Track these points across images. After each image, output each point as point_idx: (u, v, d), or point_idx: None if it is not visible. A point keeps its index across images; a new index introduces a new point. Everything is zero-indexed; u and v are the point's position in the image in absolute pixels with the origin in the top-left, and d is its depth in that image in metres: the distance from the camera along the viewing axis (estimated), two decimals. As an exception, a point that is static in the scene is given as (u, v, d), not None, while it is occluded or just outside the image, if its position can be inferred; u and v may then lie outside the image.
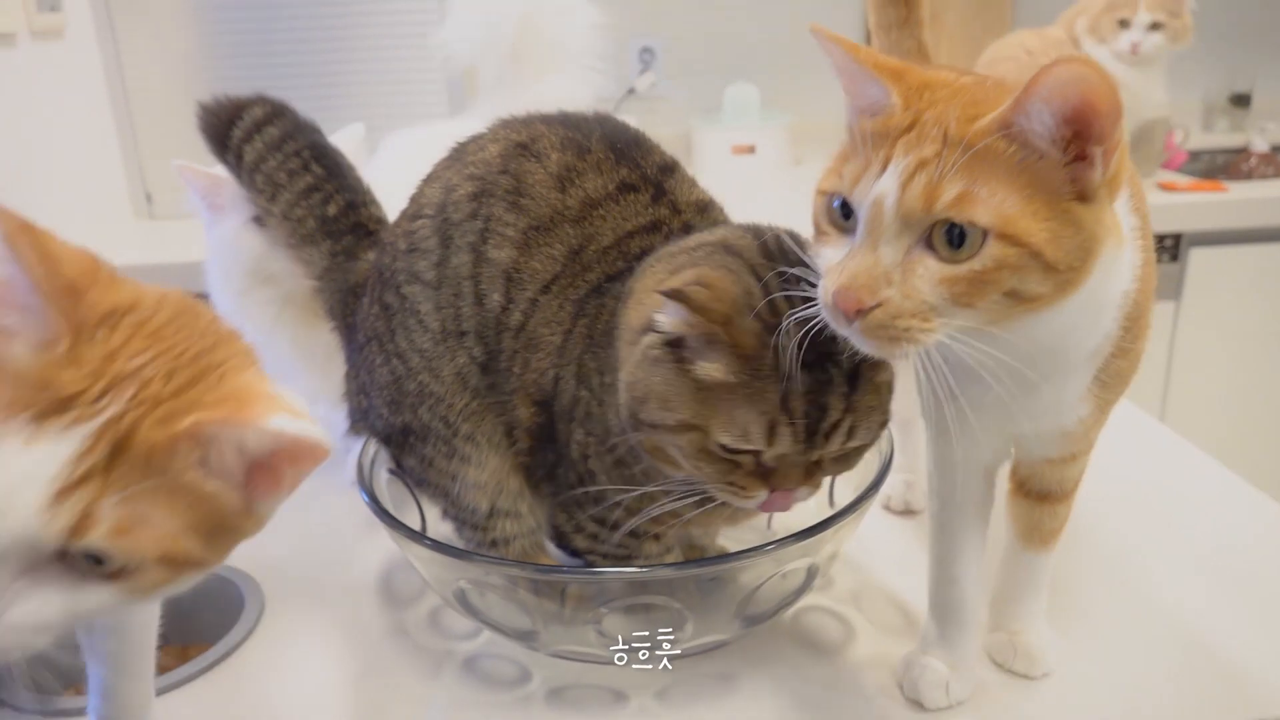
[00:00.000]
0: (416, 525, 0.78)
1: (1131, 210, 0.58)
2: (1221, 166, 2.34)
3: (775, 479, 0.61)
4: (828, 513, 0.69)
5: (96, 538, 0.43)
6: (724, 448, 0.59)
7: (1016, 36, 2.02)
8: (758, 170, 2.31)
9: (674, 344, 0.60)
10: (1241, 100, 2.54)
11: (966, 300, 0.50)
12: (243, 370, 0.50)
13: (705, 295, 0.58)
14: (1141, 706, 0.67)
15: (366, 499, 0.73)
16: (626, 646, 0.68)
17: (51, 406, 0.44)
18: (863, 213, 0.53)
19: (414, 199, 0.76)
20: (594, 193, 0.71)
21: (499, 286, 0.71)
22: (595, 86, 1.48)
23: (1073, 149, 0.50)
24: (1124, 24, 1.89)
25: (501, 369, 0.72)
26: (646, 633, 0.68)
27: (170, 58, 2.18)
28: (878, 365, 0.61)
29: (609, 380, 0.66)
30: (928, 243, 0.51)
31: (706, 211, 0.73)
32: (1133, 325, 0.58)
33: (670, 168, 0.74)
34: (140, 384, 0.45)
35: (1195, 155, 2.36)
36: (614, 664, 0.71)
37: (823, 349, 0.56)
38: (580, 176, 0.71)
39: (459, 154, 0.75)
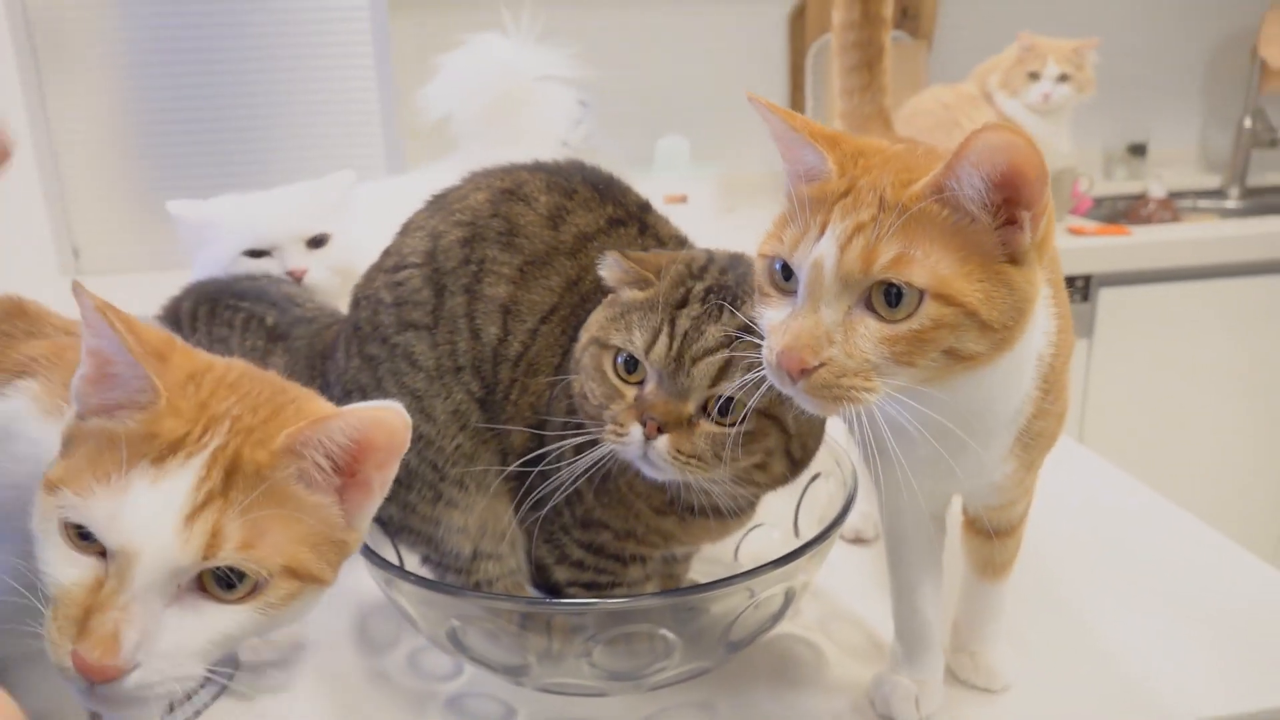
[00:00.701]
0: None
1: (1048, 281, 0.58)
2: (1122, 211, 2.48)
3: (646, 409, 0.64)
4: (795, 544, 0.73)
5: (228, 552, 0.49)
6: (614, 364, 0.66)
7: (932, 92, 2.13)
8: (690, 219, 2.34)
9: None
10: (1138, 150, 2.71)
11: (907, 359, 0.52)
12: (312, 399, 0.58)
13: (645, 255, 0.68)
14: (1089, 710, 0.72)
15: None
16: (614, 676, 0.71)
17: (165, 450, 0.51)
18: (803, 275, 0.54)
19: (391, 251, 0.78)
20: (586, 227, 0.75)
21: (495, 320, 0.73)
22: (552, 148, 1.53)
23: (1003, 213, 0.52)
24: (1034, 76, 2.01)
25: (498, 400, 0.74)
26: (635, 663, 0.70)
27: (99, 111, 2.15)
28: None
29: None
30: (867, 303, 0.53)
31: (684, 245, 0.78)
32: (1050, 388, 0.61)
33: (647, 206, 0.79)
34: (233, 419, 0.53)
35: (1099, 201, 2.50)
36: (599, 695, 0.73)
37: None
38: (571, 214, 0.75)
39: (439, 204, 0.78)
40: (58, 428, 0.55)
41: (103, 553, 0.50)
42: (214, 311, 1.00)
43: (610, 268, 0.69)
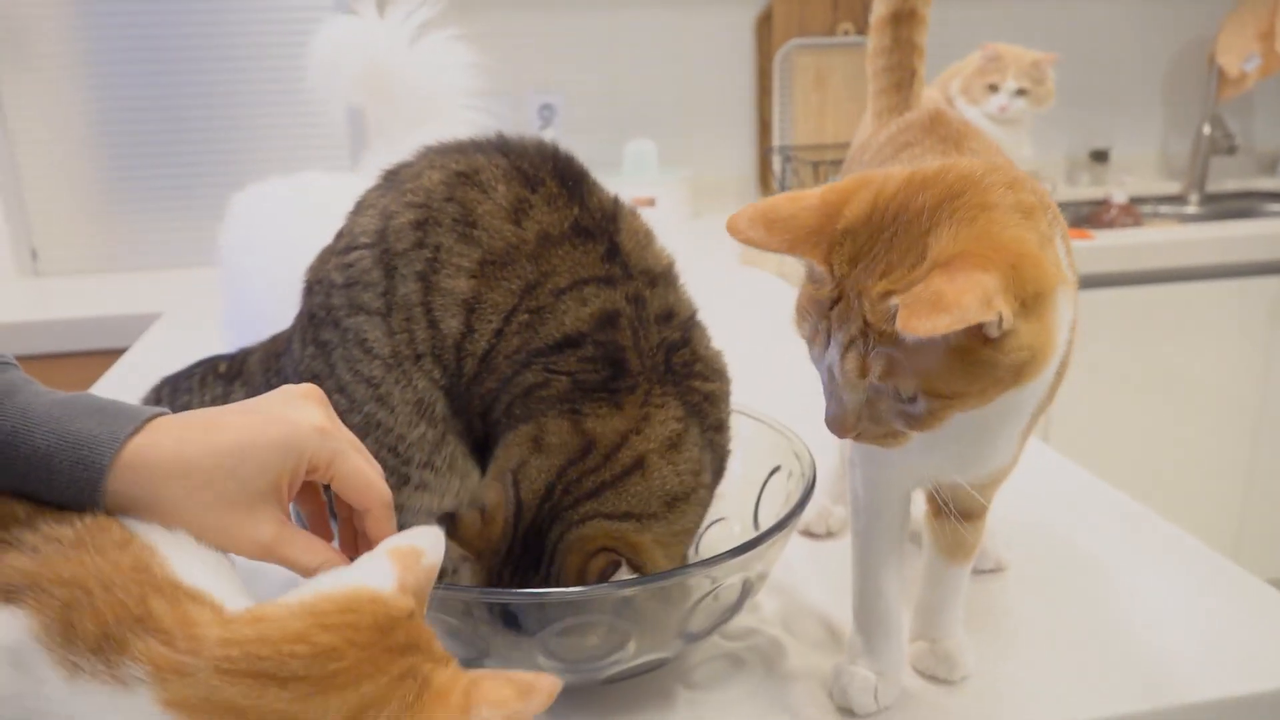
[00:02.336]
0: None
1: (1068, 266, 0.61)
2: (1086, 217, 2.51)
3: None
4: (754, 533, 0.73)
5: None
6: None
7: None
8: (659, 221, 2.36)
9: None
10: (1100, 156, 2.75)
11: (927, 427, 0.57)
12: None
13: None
14: (1047, 697, 0.72)
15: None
16: (569, 666, 0.70)
17: None
18: (822, 373, 0.60)
19: (343, 232, 0.76)
20: (550, 228, 0.72)
21: (457, 315, 0.71)
22: (479, 127, 1.47)
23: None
24: (993, 88, 2.04)
25: (465, 388, 0.73)
26: (590, 652, 0.70)
27: (58, 112, 2.13)
28: None
29: None
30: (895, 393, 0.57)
31: (654, 281, 0.74)
32: (1062, 370, 0.63)
33: (614, 215, 0.74)
34: None
35: (1062, 206, 2.52)
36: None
37: None
38: (534, 209, 0.72)
39: (391, 182, 0.76)
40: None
41: None
42: (174, 390, 0.95)
43: None
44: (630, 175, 2.41)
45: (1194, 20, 2.74)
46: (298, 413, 0.57)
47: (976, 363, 0.54)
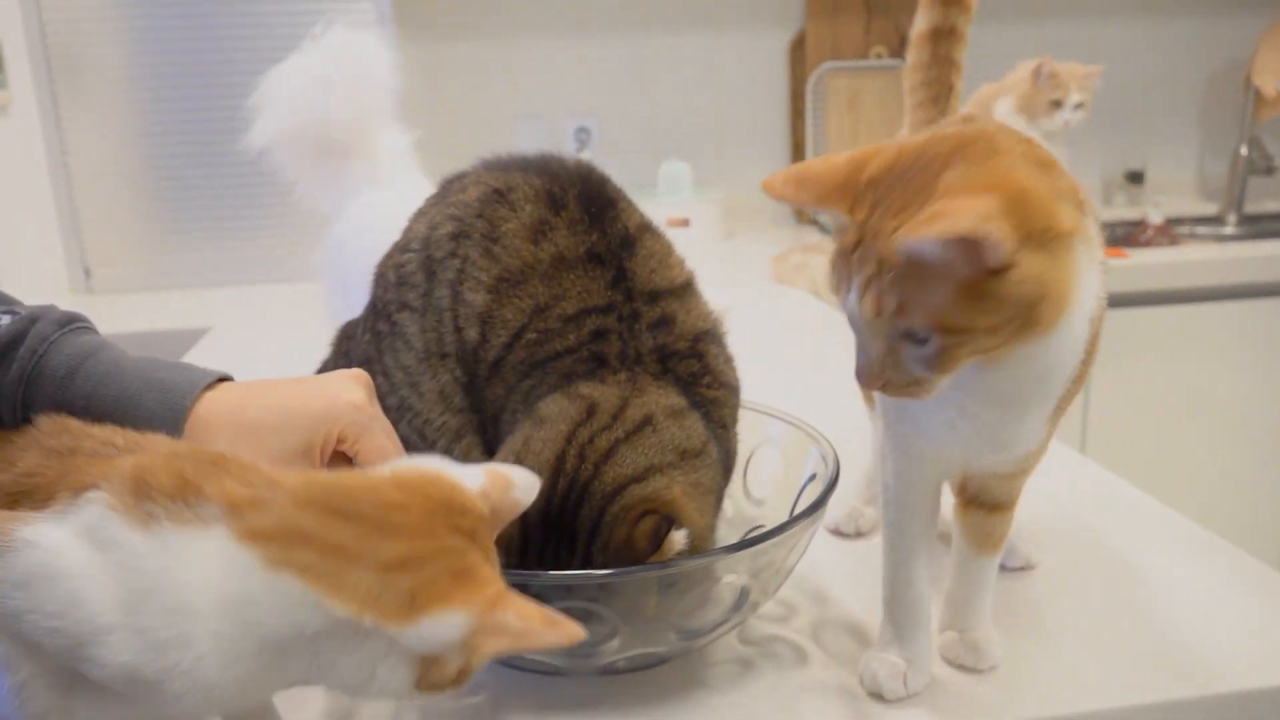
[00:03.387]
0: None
1: (1098, 244, 0.62)
2: (1121, 237, 2.51)
3: None
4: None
5: None
6: None
7: (931, 116, 2.17)
8: (692, 242, 2.39)
9: None
10: (1136, 177, 2.74)
11: (944, 369, 0.59)
12: None
13: None
14: (1073, 688, 0.73)
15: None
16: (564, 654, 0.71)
17: None
18: (849, 320, 0.62)
19: (405, 232, 0.82)
20: (566, 251, 0.75)
21: (475, 325, 0.76)
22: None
23: (976, 255, 0.54)
24: (1057, 104, 2.05)
25: (479, 389, 0.77)
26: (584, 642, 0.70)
27: (112, 132, 2.20)
28: None
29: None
30: (906, 334, 0.59)
31: (655, 300, 0.77)
32: (1091, 348, 0.64)
33: (632, 241, 0.78)
34: None
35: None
36: (559, 674, 0.74)
37: None
38: (553, 231, 0.76)
39: (444, 192, 0.81)
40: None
41: None
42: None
43: None
44: (665, 196, 2.45)
45: (1230, 42, 2.74)
46: (339, 390, 0.65)
47: (984, 295, 0.56)
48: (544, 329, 0.75)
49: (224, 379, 0.65)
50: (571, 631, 0.51)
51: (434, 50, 2.47)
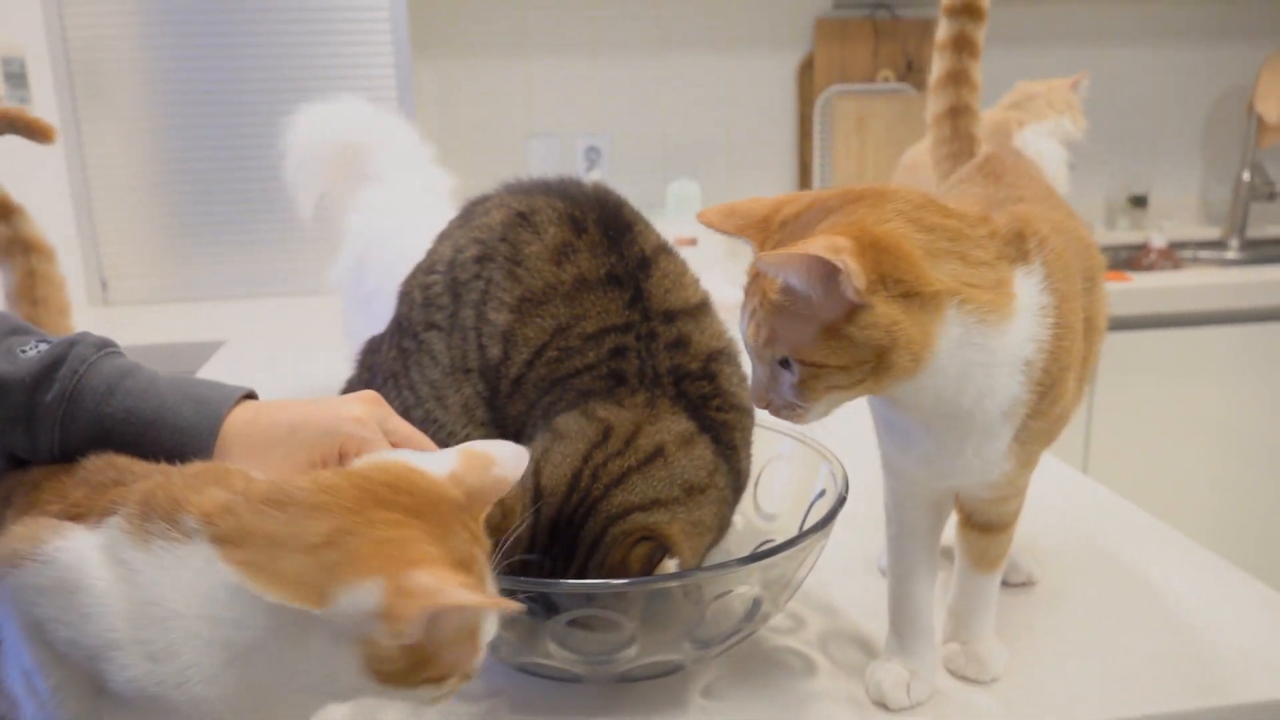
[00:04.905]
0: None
1: (1046, 290, 0.66)
2: (1124, 261, 2.53)
3: None
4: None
5: None
6: None
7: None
8: (700, 260, 2.42)
9: None
10: (1139, 201, 2.77)
11: (807, 398, 0.64)
12: None
13: None
14: (1073, 699, 0.75)
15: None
16: (584, 660, 0.74)
17: None
18: (744, 344, 0.68)
19: (429, 254, 0.85)
20: (587, 273, 0.79)
21: (498, 343, 0.79)
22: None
23: (830, 291, 0.59)
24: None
25: (501, 404, 0.80)
26: (602, 648, 0.73)
27: (131, 145, 2.24)
28: None
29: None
30: (781, 362, 0.64)
31: (672, 319, 0.80)
32: (1046, 391, 0.66)
33: (649, 262, 0.81)
34: None
35: (1101, 250, 2.55)
36: (575, 680, 0.77)
37: None
38: (576, 254, 0.79)
39: (468, 215, 0.84)
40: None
41: None
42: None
43: None
44: (673, 215, 2.48)
45: (1233, 69, 2.77)
46: (344, 407, 0.68)
47: (837, 336, 0.61)
48: (565, 347, 0.78)
49: (250, 395, 0.69)
50: (500, 602, 0.50)
51: (448, 69, 2.51)
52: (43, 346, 0.65)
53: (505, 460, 0.59)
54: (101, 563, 0.52)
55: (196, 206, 2.29)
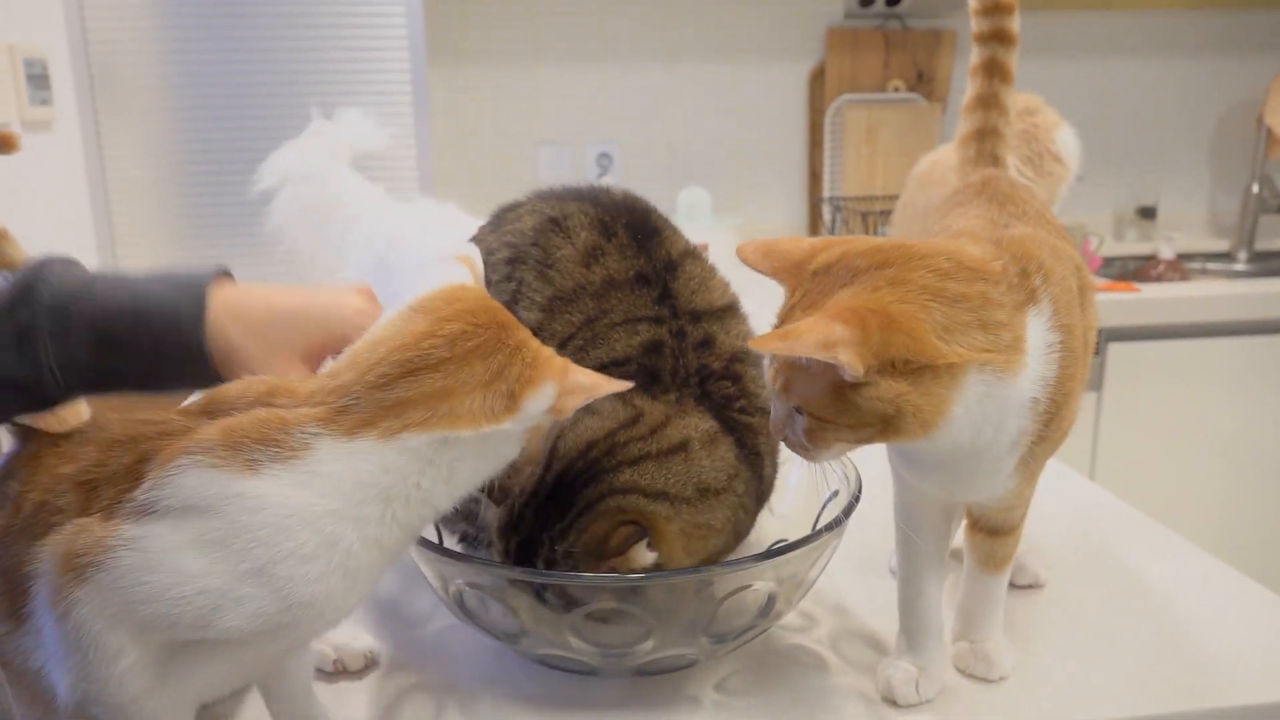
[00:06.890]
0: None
1: (1053, 328, 0.67)
2: (1133, 272, 2.55)
3: None
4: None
5: None
6: None
7: (946, 149, 2.21)
8: (710, 267, 2.46)
9: None
10: (1148, 213, 2.78)
11: (814, 442, 0.66)
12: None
13: None
14: (1080, 698, 0.77)
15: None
16: (602, 652, 0.75)
17: None
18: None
19: None
20: (615, 274, 0.81)
21: None
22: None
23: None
24: None
25: None
26: (619, 641, 0.75)
27: (150, 150, 2.27)
28: None
29: None
30: (795, 407, 0.66)
31: (698, 319, 0.82)
32: (1051, 419, 0.68)
33: (675, 265, 0.83)
34: None
35: (1109, 261, 2.57)
36: (591, 674, 0.78)
37: None
38: (605, 256, 0.82)
39: (499, 221, 0.87)
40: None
41: None
42: None
43: None
44: (684, 221, 2.49)
45: (1243, 82, 2.78)
46: (345, 298, 0.69)
47: (843, 399, 0.63)
48: (591, 336, 0.80)
49: (225, 274, 0.68)
50: (621, 382, 0.66)
51: (461, 76, 2.54)
52: (8, 274, 0.65)
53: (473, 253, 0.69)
54: (190, 520, 0.54)
55: (213, 209, 2.31)
